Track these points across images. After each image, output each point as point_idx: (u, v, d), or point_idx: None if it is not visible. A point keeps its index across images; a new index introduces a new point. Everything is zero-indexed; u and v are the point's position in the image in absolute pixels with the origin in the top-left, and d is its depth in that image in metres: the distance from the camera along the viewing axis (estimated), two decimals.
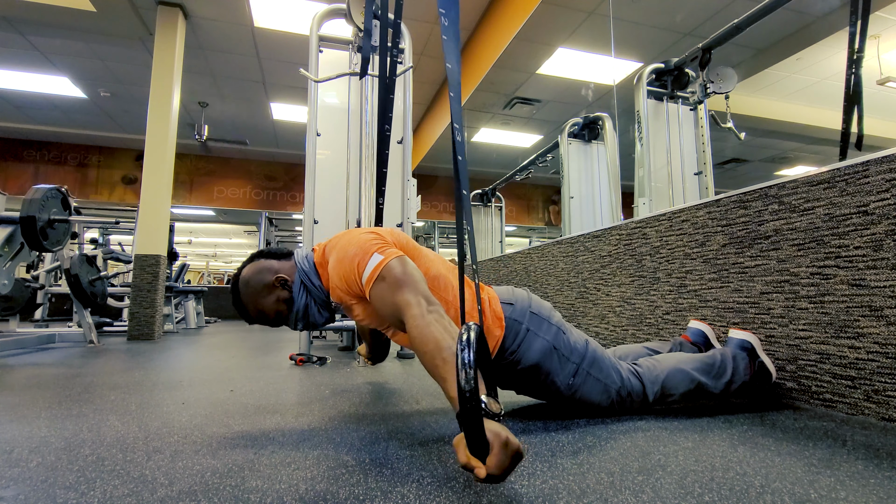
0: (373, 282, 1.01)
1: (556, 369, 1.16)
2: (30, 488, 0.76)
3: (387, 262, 1.01)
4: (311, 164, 2.68)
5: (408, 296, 0.95)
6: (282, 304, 1.18)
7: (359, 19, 2.61)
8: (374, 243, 1.06)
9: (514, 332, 1.15)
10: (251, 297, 1.17)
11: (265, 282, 1.17)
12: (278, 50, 5.03)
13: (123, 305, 4.80)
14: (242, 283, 1.18)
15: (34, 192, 2.96)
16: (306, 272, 1.19)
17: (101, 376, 1.94)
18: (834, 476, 0.80)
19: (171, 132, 4.12)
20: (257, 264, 1.20)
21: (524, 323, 1.16)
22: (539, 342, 1.15)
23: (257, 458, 0.90)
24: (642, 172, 3.18)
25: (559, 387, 1.16)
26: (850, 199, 1.23)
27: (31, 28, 4.62)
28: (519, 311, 1.18)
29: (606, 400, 1.19)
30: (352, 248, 1.07)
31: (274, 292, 1.17)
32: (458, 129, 0.86)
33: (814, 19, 4.24)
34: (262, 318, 1.19)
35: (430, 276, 1.13)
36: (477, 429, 0.64)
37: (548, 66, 4.83)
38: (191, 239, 14.72)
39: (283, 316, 1.19)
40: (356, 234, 1.13)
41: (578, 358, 1.17)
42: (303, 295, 1.18)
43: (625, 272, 2.12)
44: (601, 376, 1.18)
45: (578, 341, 1.20)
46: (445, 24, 0.95)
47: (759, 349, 1.37)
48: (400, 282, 0.98)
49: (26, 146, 7.58)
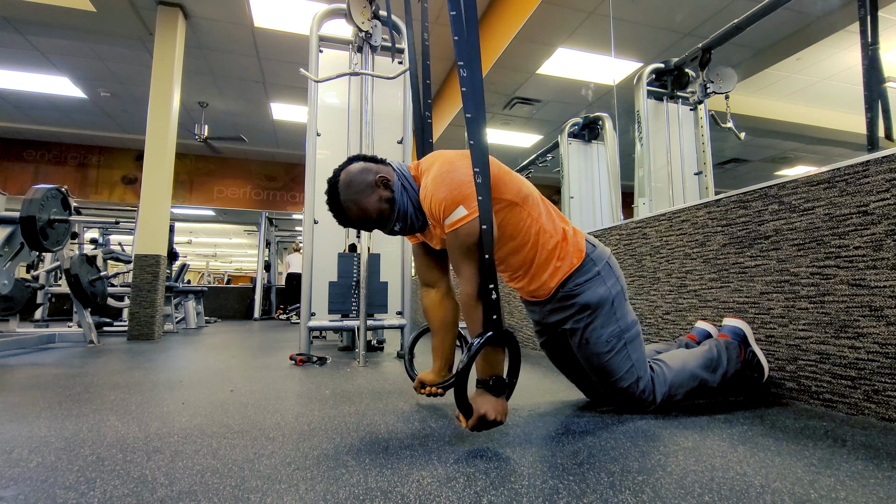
0: (450, 230, 1.07)
1: (604, 321, 1.21)
2: (30, 488, 0.76)
3: (468, 220, 1.04)
4: (311, 164, 2.68)
5: (470, 269, 1.05)
6: (384, 204, 1.16)
7: (359, 19, 2.61)
8: (465, 190, 1.06)
9: (587, 269, 1.22)
10: (354, 196, 1.14)
11: (368, 181, 1.15)
12: (278, 50, 5.02)
13: (123, 305, 4.80)
14: (344, 184, 1.15)
15: (34, 192, 2.96)
16: (405, 174, 1.19)
17: (101, 376, 1.94)
18: (834, 476, 0.80)
19: (171, 132, 4.12)
20: (357, 165, 1.18)
21: (598, 266, 1.23)
22: (603, 289, 1.22)
23: (257, 458, 0.90)
24: (642, 172, 3.17)
25: (597, 339, 1.20)
26: (850, 199, 1.23)
27: (31, 28, 4.61)
28: (598, 255, 1.25)
29: (627, 381, 1.21)
30: (445, 184, 1.07)
31: (377, 191, 1.15)
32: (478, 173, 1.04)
33: (814, 19, 4.24)
34: (363, 217, 1.16)
35: (522, 194, 1.18)
36: (462, 398, 0.98)
37: (548, 66, 4.83)
38: (191, 239, 14.72)
39: (384, 217, 1.17)
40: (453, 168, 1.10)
41: (625, 325, 1.22)
42: (404, 196, 1.18)
43: (625, 272, 2.12)
44: (634, 356, 1.21)
45: (631, 314, 1.26)
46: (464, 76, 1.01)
47: (750, 338, 1.41)
48: (468, 247, 1.05)
49: (26, 146, 7.58)
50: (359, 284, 2.49)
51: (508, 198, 1.15)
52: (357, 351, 2.41)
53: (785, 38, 4.50)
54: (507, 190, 1.15)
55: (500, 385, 1.03)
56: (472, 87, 1.06)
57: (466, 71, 1.05)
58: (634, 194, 3.23)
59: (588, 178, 4.34)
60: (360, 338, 2.35)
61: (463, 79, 1.05)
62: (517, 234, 1.18)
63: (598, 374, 1.24)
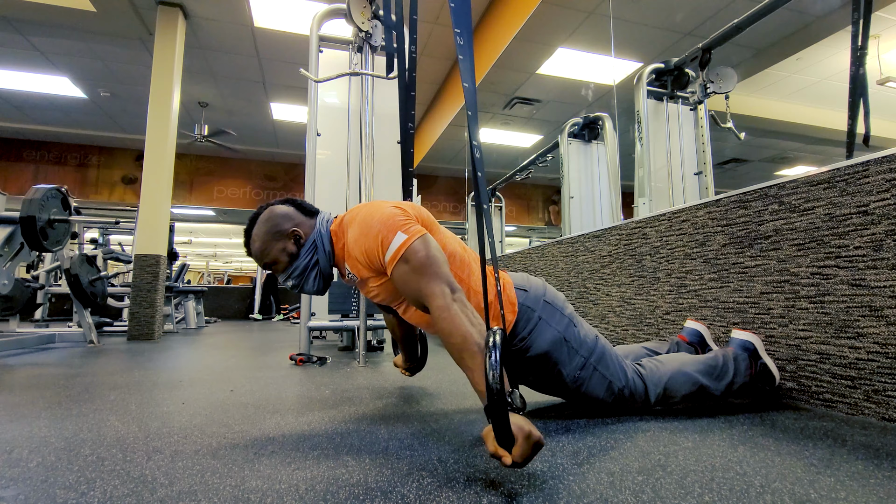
0: (396, 261, 1.00)
1: (565, 360, 1.16)
2: (30, 488, 0.76)
3: (411, 242, 0.99)
4: (311, 164, 2.68)
5: (433, 284, 0.95)
6: (284, 256, 1.18)
7: (359, 19, 2.61)
8: (399, 220, 1.03)
9: (527, 318, 1.15)
10: (263, 235, 1.17)
11: (281, 228, 1.17)
12: (278, 50, 5.03)
13: (123, 305, 4.79)
14: (262, 220, 1.19)
15: (34, 192, 2.96)
16: (322, 236, 1.19)
17: (101, 376, 1.94)
18: (834, 476, 0.80)
19: (171, 132, 4.12)
20: (284, 209, 1.20)
21: (537, 311, 1.16)
22: (550, 331, 1.15)
23: (257, 458, 0.90)
24: (642, 172, 3.17)
25: (565, 378, 1.16)
26: (850, 199, 1.23)
27: (31, 28, 4.62)
28: (532, 298, 1.17)
29: (610, 397, 1.19)
30: (375, 222, 1.04)
31: (283, 241, 1.17)
32: (476, 147, 0.88)
33: (814, 19, 4.24)
34: (260, 256, 1.19)
35: (447, 252, 1.10)
36: (503, 423, 0.73)
37: (548, 66, 4.83)
38: (191, 239, 14.73)
39: (278, 268, 1.19)
40: (379, 208, 1.08)
41: (587, 352, 1.17)
42: (308, 257, 1.18)
43: (625, 272, 2.12)
44: (607, 373, 1.18)
45: (588, 335, 1.20)
46: (461, 44, 0.96)
47: (761, 350, 1.36)
48: (424, 266, 0.97)
49: (26, 146, 7.58)
50: None
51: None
52: (357, 351, 2.41)
53: (785, 38, 4.50)
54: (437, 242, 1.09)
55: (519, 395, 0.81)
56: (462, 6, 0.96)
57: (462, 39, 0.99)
58: (634, 194, 3.23)
59: (588, 178, 4.34)
60: (360, 338, 2.35)
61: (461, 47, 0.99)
62: None
63: (581, 400, 1.21)
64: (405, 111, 1.58)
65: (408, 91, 1.60)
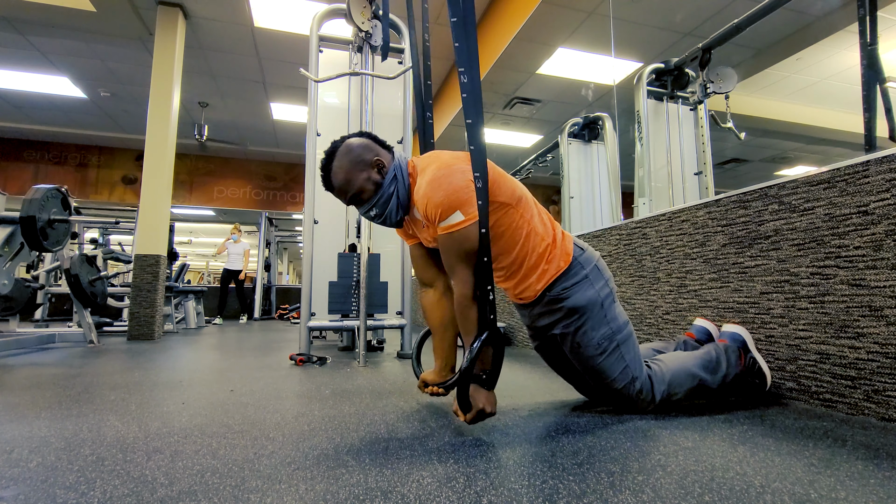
0: (445, 233, 1.08)
1: (594, 324, 1.20)
2: (30, 488, 0.76)
3: (465, 226, 1.06)
4: (312, 164, 2.68)
5: (465, 271, 1.08)
6: (370, 185, 1.19)
7: (359, 19, 2.61)
8: (462, 197, 1.07)
9: (575, 272, 1.21)
10: (347, 165, 1.18)
11: (366, 158, 1.19)
12: (278, 50, 5.02)
13: (123, 305, 4.79)
14: (344, 150, 1.19)
15: (34, 192, 2.96)
16: (402, 168, 1.21)
17: (101, 376, 1.94)
18: (834, 476, 0.80)
19: (171, 132, 4.12)
20: (363, 141, 1.22)
21: (586, 269, 1.22)
22: (591, 291, 1.21)
23: (257, 458, 0.90)
24: (642, 172, 3.17)
25: (588, 342, 1.19)
26: (850, 199, 1.23)
27: (31, 28, 4.61)
28: (586, 258, 1.25)
29: (622, 382, 1.20)
30: (442, 189, 1.08)
31: (368, 170, 1.19)
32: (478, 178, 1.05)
33: (814, 19, 4.24)
34: (344, 188, 1.19)
35: (515, 196, 1.18)
36: (464, 397, 1.05)
37: (548, 66, 4.82)
38: (191, 239, 14.72)
39: (364, 197, 1.20)
40: (450, 173, 1.10)
41: (616, 327, 1.21)
42: (392, 186, 1.19)
43: (625, 272, 2.12)
44: (627, 357, 1.21)
45: (622, 315, 1.25)
46: (464, 82, 1.02)
47: (750, 344, 1.42)
48: (463, 251, 1.07)
49: (26, 146, 7.58)
50: (359, 284, 2.49)
51: (502, 199, 1.15)
52: (357, 351, 2.41)
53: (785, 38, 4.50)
54: (501, 192, 1.15)
55: (492, 378, 1.09)
56: (472, 92, 1.06)
57: (467, 77, 1.05)
58: (634, 194, 3.23)
59: (588, 178, 4.34)
60: (360, 338, 2.35)
61: (464, 84, 1.05)
62: (508, 234, 1.18)
63: (592, 377, 1.23)
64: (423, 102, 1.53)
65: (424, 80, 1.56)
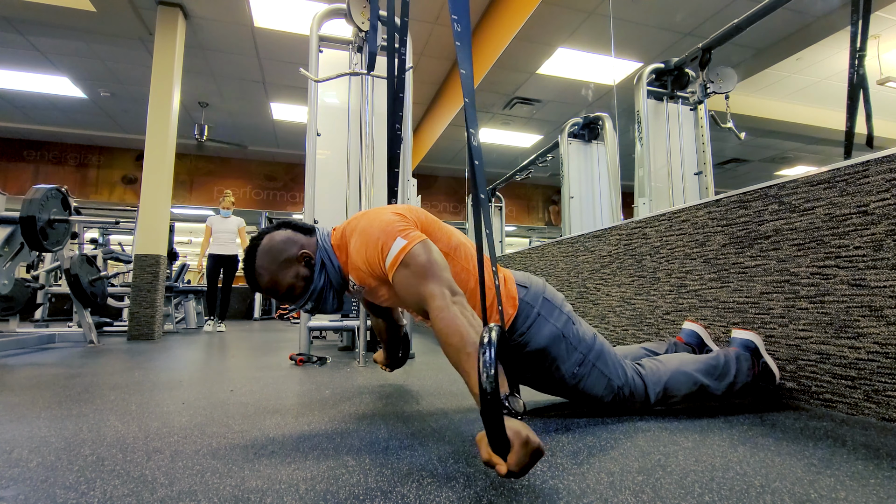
0: (396, 267, 1.00)
1: (563, 356, 1.16)
2: (30, 488, 0.76)
3: (411, 247, 0.99)
4: (311, 164, 2.68)
5: (432, 286, 0.94)
6: (300, 282, 1.14)
7: (359, 19, 2.61)
8: (397, 226, 1.04)
9: (526, 314, 1.16)
10: (270, 266, 1.12)
11: (290, 254, 1.13)
12: (278, 50, 5.02)
13: (123, 305, 4.79)
14: (263, 251, 1.12)
15: (34, 192, 2.96)
16: (328, 252, 1.16)
17: (101, 376, 1.94)
18: (834, 476, 0.80)
19: (171, 132, 4.12)
20: (284, 234, 1.15)
21: (536, 307, 1.17)
22: (549, 327, 1.16)
23: (257, 458, 0.90)
24: (642, 172, 3.17)
25: (563, 374, 1.17)
26: (850, 199, 1.23)
27: (31, 28, 4.61)
28: (532, 294, 1.19)
29: (609, 395, 1.18)
30: (374, 230, 1.05)
31: (295, 267, 1.13)
32: (473, 134, 0.86)
33: (814, 19, 4.24)
34: (273, 289, 1.14)
35: (452, 245, 1.14)
36: (498, 427, 0.66)
37: (548, 66, 4.83)
38: (191, 239, 14.71)
39: (295, 294, 1.15)
40: (378, 215, 1.09)
41: (586, 348, 1.18)
42: (322, 277, 1.15)
43: (625, 272, 2.12)
44: (606, 370, 1.18)
45: (587, 333, 1.21)
46: (458, 30, 0.96)
47: (762, 349, 1.36)
48: (424, 270, 0.97)
49: (26, 146, 7.58)
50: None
51: (439, 247, 1.08)
52: (357, 351, 2.41)
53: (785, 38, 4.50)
54: (436, 240, 1.10)
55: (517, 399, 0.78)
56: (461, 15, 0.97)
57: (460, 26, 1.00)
58: (634, 194, 3.23)
59: (588, 178, 4.34)
60: (360, 338, 2.35)
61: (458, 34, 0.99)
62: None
63: (580, 398, 1.21)
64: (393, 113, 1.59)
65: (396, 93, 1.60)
